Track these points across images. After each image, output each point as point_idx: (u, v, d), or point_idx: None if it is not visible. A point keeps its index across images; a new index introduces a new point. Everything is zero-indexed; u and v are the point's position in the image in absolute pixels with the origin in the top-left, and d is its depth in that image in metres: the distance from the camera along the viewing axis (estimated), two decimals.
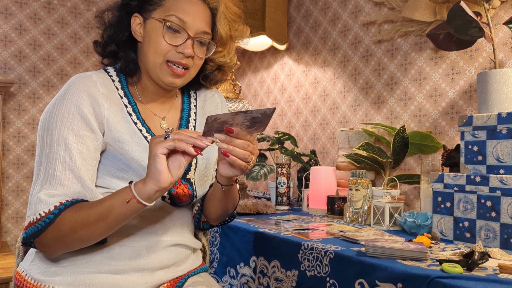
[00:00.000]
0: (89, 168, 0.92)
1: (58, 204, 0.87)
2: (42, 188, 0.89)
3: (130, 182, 0.85)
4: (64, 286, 0.93)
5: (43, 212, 0.87)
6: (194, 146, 0.82)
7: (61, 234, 0.87)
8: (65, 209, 0.87)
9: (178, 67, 0.97)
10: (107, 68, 1.04)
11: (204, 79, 1.12)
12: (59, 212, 0.86)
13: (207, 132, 0.83)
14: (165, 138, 0.81)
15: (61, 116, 0.91)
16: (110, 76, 1.01)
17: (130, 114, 0.98)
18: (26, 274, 0.98)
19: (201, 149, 0.83)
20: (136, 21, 1.00)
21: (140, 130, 0.98)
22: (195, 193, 1.05)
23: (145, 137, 0.98)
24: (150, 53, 0.97)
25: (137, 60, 1.02)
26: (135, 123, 0.98)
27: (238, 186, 1.18)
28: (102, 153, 0.96)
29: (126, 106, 0.99)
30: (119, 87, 1.01)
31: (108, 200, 0.86)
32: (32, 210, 0.88)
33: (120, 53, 1.02)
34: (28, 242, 0.90)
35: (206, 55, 1.02)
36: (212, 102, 1.16)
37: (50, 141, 0.91)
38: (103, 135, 0.94)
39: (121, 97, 0.99)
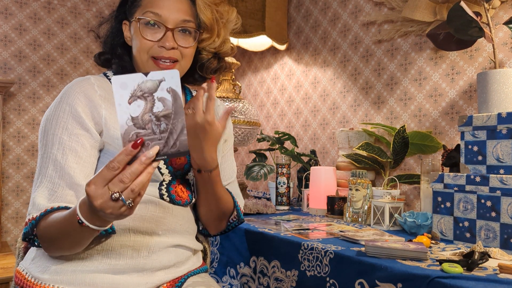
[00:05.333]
0: (85, 165, 0.93)
1: (42, 212, 0.88)
2: (37, 188, 0.91)
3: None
4: (64, 284, 0.93)
5: (33, 215, 0.89)
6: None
7: (45, 239, 0.88)
8: (40, 219, 0.88)
9: (164, 61, 0.98)
10: (106, 72, 1.08)
11: (200, 69, 1.12)
12: (38, 219, 0.88)
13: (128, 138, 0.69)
14: (114, 199, 0.69)
15: (56, 116, 0.93)
16: (109, 79, 1.03)
17: None
18: (26, 273, 0.98)
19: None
20: (126, 28, 1.04)
21: None
22: (194, 193, 1.06)
23: None
24: (136, 52, 1.00)
25: (133, 63, 1.05)
26: None
27: (238, 191, 1.18)
28: (100, 151, 0.97)
29: None
30: None
31: (60, 223, 0.83)
32: (29, 209, 0.91)
33: (113, 59, 1.05)
34: (26, 239, 0.91)
35: (192, 44, 1.02)
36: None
37: (46, 142, 0.93)
38: (100, 135, 0.96)
39: None
